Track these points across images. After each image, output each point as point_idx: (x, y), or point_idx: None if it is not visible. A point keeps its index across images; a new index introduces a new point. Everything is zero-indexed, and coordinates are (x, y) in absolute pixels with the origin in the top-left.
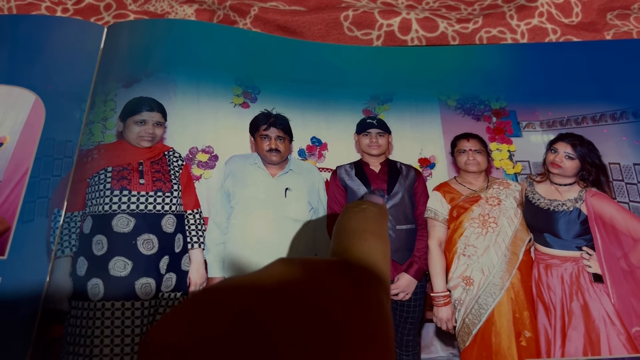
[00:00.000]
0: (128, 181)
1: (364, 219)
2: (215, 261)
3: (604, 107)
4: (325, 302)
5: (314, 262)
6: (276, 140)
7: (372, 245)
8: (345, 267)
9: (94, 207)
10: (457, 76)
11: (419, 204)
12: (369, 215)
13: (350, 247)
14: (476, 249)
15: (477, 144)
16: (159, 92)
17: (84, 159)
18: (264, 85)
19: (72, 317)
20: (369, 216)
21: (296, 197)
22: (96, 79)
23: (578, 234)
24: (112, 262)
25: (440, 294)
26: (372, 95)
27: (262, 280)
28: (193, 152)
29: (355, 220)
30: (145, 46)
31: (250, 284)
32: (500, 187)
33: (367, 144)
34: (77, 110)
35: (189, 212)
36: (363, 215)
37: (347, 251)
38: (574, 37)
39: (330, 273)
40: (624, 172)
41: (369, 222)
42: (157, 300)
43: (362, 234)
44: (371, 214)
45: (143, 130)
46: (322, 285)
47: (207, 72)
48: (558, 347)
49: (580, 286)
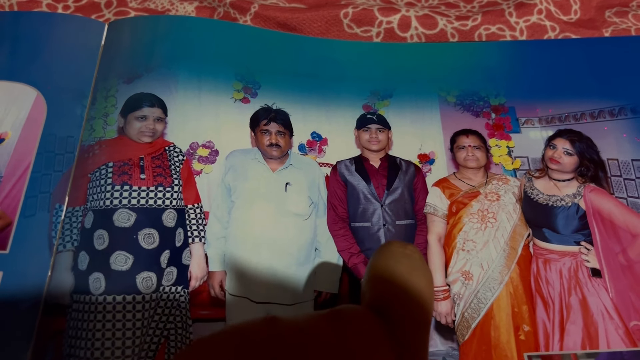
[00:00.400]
0: (129, 176)
1: (409, 268)
2: (216, 255)
3: (602, 104)
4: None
5: (358, 321)
6: (276, 135)
7: (419, 304)
8: (389, 333)
9: (95, 202)
10: (457, 73)
11: (418, 200)
12: (416, 264)
13: (395, 301)
14: (475, 244)
15: (476, 140)
16: (159, 88)
17: (85, 155)
18: (264, 81)
19: (74, 311)
20: (416, 265)
21: (296, 191)
22: (97, 75)
23: (576, 229)
24: (114, 256)
25: (439, 289)
26: (372, 91)
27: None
28: (194, 147)
29: (401, 266)
30: (146, 42)
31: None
32: (499, 183)
33: (367, 140)
34: (78, 106)
35: (189, 207)
36: (409, 263)
37: (392, 306)
38: (572, 34)
39: (375, 337)
40: (622, 168)
41: (415, 272)
42: (158, 294)
43: (411, 289)
44: (418, 263)
45: (144, 126)
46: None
47: (207, 68)
48: (556, 341)
49: (578, 281)
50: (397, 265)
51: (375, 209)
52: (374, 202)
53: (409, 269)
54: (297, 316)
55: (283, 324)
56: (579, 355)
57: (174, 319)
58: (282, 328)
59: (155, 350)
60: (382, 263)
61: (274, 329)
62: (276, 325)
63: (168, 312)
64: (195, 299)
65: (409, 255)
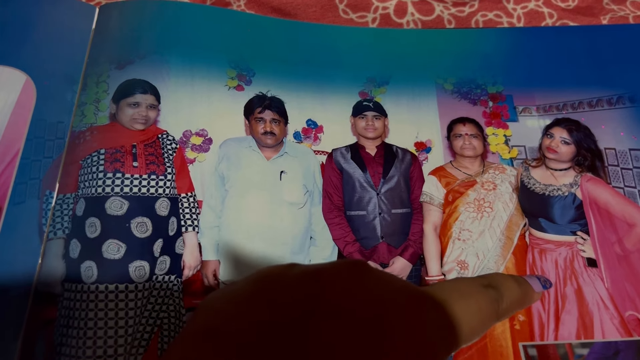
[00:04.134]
0: (121, 164)
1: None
2: (210, 244)
3: (600, 92)
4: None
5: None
6: (271, 123)
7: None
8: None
9: (87, 190)
10: (454, 60)
11: (414, 188)
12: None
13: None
14: (471, 234)
15: (473, 128)
16: (152, 74)
17: (76, 141)
18: (258, 68)
19: (65, 300)
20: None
21: (291, 180)
22: (88, 60)
23: (573, 218)
24: (106, 244)
25: (435, 278)
26: (368, 78)
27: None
28: (187, 135)
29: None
30: (138, 27)
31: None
32: (496, 172)
33: (363, 127)
34: (68, 91)
35: (182, 196)
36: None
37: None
38: (570, 21)
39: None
40: (620, 157)
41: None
42: (151, 283)
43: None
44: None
45: (136, 113)
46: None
47: (201, 55)
48: (552, 331)
49: (574, 270)
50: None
51: (371, 198)
52: (370, 190)
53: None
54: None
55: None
56: (574, 344)
57: (167, 308)
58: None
59: (148, 339)
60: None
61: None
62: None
63: (161, 302)
64: (188, 288)
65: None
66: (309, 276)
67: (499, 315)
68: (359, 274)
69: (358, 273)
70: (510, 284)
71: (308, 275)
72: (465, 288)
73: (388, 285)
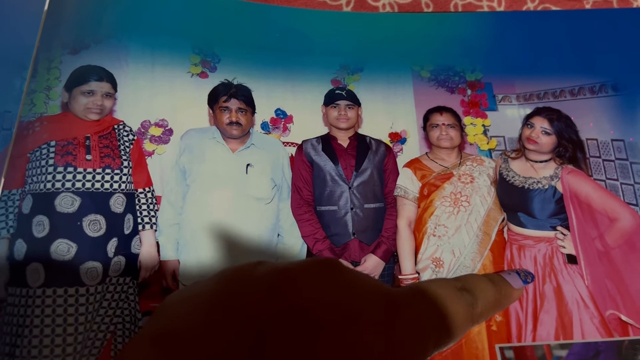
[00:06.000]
0: (73, 157)
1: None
2: (169, 243)
3: (583, 80)
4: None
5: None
6: (237, 113)
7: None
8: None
9: (35, 185)
10: (431, 45)
11: (388, 181)
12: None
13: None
14: (447, 229)
15: (450, 118)
16: (109, 60)
17: (24, 132)
18: (224, 53)
19: (8, 305)
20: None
21: (258, 173)
22: (39, 45)
23: (553, 213)
24: (55, 244)
25: (408, 277)
26: (341, 65)
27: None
28: (145, 126)
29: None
30: (95, 9)
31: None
32: (474, 164)
33: (335, 117)
34: (17, 78)
35: (140, 191)
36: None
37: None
38: (552, 5)
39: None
40: (602, 148)
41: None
42: (104, 285)
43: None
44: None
45: (91, 102)
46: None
47: (162, 39)
48: (529, 332)
49: (553, 267)
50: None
51: (343, 192)
52: (342, 184)
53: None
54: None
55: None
56: (553, 346)
57: (121, 312)
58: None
59: (99, 347)
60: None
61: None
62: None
63: (115, 306)
64: (145, 291)
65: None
66: (276, 276)
67: (474, 319)
68: (330, 273)
69: (329, 273)
70: (486, 285)
71: (275, 275)
72: (440, 291)
73: (360, 286)
